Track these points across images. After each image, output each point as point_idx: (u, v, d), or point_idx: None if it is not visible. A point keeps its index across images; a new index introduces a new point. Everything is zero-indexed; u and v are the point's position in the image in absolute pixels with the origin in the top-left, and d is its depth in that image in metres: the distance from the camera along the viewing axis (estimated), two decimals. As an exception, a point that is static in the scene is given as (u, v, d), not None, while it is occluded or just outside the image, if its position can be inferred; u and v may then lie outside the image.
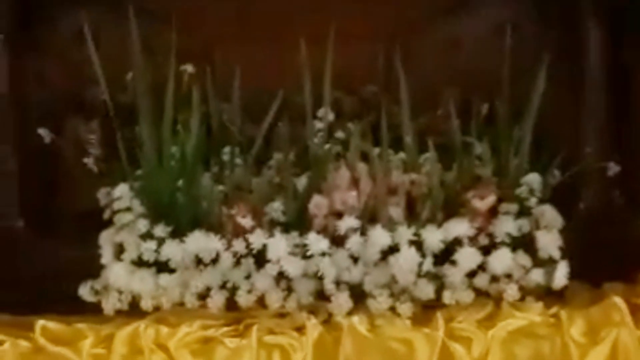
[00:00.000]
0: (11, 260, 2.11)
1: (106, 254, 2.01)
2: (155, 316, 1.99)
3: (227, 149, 2.13)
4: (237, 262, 2.00)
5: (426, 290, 2.01)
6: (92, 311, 2.04)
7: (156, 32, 2.13)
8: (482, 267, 2.03)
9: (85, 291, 2.02)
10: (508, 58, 2.15)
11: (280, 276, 2.00)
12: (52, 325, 1.96)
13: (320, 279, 2.00)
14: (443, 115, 2.24)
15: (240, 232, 2.02)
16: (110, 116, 2.06)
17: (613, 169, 2.13)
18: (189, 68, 2.09)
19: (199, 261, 2.00)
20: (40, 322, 1.95)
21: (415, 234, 2.02)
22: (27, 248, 2.15)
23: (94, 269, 2.06)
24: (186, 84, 2.08)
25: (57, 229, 2.18)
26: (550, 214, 2.11)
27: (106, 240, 2.03)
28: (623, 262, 2.15)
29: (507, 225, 2.05)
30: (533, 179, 2.12)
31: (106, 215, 2.06)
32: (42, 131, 2.05)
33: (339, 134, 2.21)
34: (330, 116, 2.19)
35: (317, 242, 2.00)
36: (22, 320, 1.99)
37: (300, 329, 1.98)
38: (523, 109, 2.15)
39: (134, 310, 2.01)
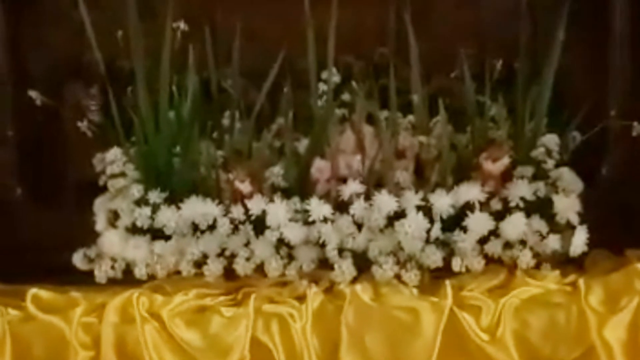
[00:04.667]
0: (8, 228, 2.06)
1: (100, 221, 1.95)
2: (150, 285, 1.92)
3: (227, 113, 2.08)
4: (235, 229, 1.92)
5: (434, 258, 1.90)
6: (90, 280, 1.98)
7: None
8: (494, 233, 1.92)
9: (78, 259, 1.96)
10: (526, 15, 2.07)
11: (281, 243, 1.91)
12: (44, 293, 1.90)
13: (323, 246, 1.91)
14: (457, 77, 2.15)
15: (239, 197, 1.95)
16: (107, 81, 2.01)
17: (637, 128, 2.02)
18: (182, 25, 2.02)
19: (195, 228, 1.92)
20: (32, 291, 1.89)
21: (424, 199, 1.92)
22: (24, 216, 2.10)
23: (92, 238, 2.01)
24: (182, 43, 2.02)
25: (55, 197, 2.13)
26: (569, 177, 1.99)
27: (100, 207, 1.97)
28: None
29: (521, 189, 1.94)
30: (550, 139, 2.01)
31: (101, 181, 2.01)
32: (33, 93, 1.98)
33: (346, 97, 2.14)
34: (336, 78, 2.12)
35: (319, 208, 1.91)
36: (15, 289, 1.93)
37: (300, 298, 1.89)
38: (542, 69, 2.06)
39: (129, 279, 1.94)
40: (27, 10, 2.16)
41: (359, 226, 1.93)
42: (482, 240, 1.93)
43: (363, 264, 1.93)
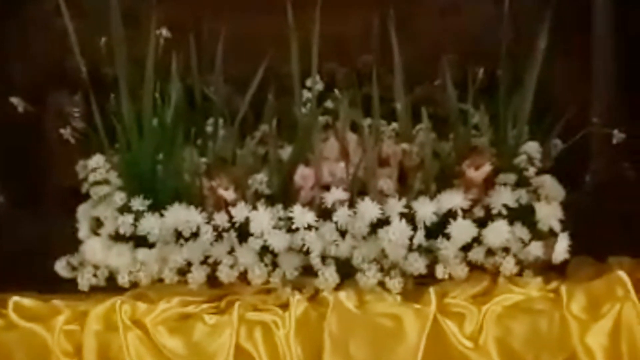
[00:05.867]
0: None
1: (83, 228, 1.95)
2: (133, 293, 1.91)
3: (210, 121, 2.08)
4: (219, 236, 1.92)
5: (417, 265, 1.91)
6: (73, 288, 1.97)
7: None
8: (477, 240, 1.93)
9: (61, 267, 1.96)
10: (508, 23, 2.07)
11: (264, 250, 1.91)
12: (26, 301, 1.89)
13: (306, 253, 1.91)
14: (440, 85, 2.16)
15: (223, 205, 1.95)
16: (89, 88, 2.01)
17: (617, 136, 2.02)
18: (164, 31, 2.02)
19: (178, 235, 1.92)
20: (14, 299, 1.88)
21: (407, 206, 1.93)
22: (6, 224, 2.08)
23: (75, 245, 2.00)
24: (165, 51, 2.01)
25: (37, 204, 2.12)
26: (551, 185, 2.00)
27: (83, 214, 1.97)
28: (631, 236, 2.06)
29: (504, 197, 1.95)
30: (532, 147, 2.02)
31: (84, 188, 2.00)
32: (15, 100, 1.98)
33: (329, 105, 2.13)
34: (319, 86, 2.12)
35: (302, 215, 1.91)
36: (-4, 297, 1.95)
37: (284, 306, 1.89)
38: (524, 77, 2.07)
39: (112, 287, 1.94)
40: (9, 17, 2.16)
41: (343, 233, 1.93)
42: (465, 248, 1.93)
43: (347, 271, 1.93)
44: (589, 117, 2.13)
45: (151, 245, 1.92)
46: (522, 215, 1.95)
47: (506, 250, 1.93)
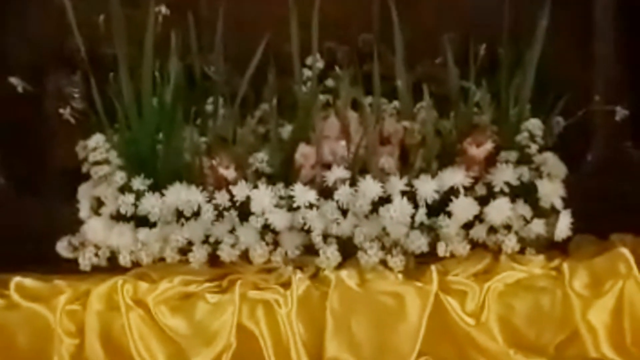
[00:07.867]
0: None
1: (84, 209, 1.94)
2: (135, 272, 1.91)
3: (211, 100, 2.07)
4: (220, 215, 1.92)
5: (419, 243, 1.91)
6: (75, 268, 1.97)
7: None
8: (479, 218, 1.93)
9: (62, 247, 1.95)
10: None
11: (265, 229, 1.91)
12: (28, 281, 1.89)
13: (308, 232, 1.91)
14: (441, 63, 2.15)
15: (223, 184, 1.95)
16: (89, 67, 2.00)
17: (620, 113, 2.02)
18: (163, 9, 2.00)
19: (179, 214, 1.92)
20: (15, 279, 1.88)
21: (408, 184, 1.93)
22: (7, 205, 2.07)
23: (76, 225, 2.00)
24: (165, 29, 2.00)
25: (38, 185, 2.11)
26: (552, 162, 1.99)
27: (84, 194, 1.97)
28: (633, 214, 2.05)
29: (506, 174, 1.95)
30: (534, 124, 2.01)
31: (84, 168, 2.00)
32: (14, 80, 1.97)
33: (330, 83, 2.12)
34: (320, 64, 2.11)
35: (303, 194, 1.91)
36: (-2, 278, 1.95)
37: (286, 284, 1.89)
38: (526, 54, 2.06)
39: (113, 267, 1.93)
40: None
41: (344, 212, 1.93)
42: (467, 225, 1.93)
43: (348, 249, 1.93)
44: (591, 95, 2.14)
45: (152, 225, 1.92)
46: (524, 192, 1.94)
47: (508, 227, 1.92)
